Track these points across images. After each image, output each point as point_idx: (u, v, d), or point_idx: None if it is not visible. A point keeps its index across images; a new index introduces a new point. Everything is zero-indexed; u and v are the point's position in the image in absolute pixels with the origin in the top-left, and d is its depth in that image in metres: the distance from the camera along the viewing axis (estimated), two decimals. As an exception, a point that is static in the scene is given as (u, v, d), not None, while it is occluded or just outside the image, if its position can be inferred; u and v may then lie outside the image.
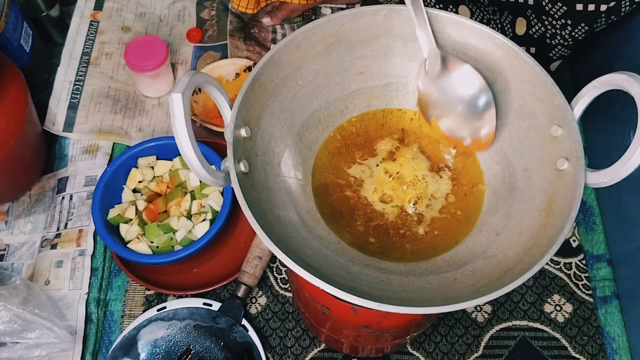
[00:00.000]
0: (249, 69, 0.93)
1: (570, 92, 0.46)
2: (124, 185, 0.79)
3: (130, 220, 0.76)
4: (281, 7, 0.98)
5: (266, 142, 0.50)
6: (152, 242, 0.75)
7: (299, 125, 0.53)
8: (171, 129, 0.66)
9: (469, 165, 0.53)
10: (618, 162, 0.42)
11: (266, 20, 0.99)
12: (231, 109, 0.46)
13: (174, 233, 0.75)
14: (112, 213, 0.76)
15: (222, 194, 0.78)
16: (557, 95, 0.47)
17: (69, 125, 0.89)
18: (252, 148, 0.48)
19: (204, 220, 0.76)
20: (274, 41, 0.99)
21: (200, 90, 0.90)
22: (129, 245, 0.74)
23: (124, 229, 0.76)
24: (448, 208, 0.52)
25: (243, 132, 0.46)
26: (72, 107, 0.90)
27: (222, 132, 0.69)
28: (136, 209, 0.77)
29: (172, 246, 0.75)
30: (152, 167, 0.80)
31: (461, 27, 0.52)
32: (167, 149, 0.80)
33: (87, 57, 0.96)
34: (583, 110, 0.47)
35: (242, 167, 0.45)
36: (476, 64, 0.52)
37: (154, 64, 0.87)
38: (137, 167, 0.80)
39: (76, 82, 0.93)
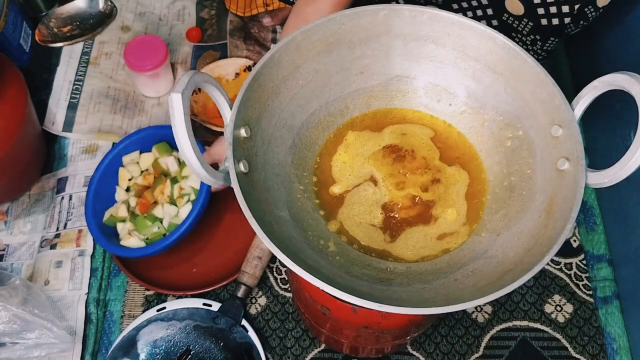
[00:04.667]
0: (249, 68, 0.93)
1: (570, 92, 0.46)
2: (116, 186, 0.79)
3: (125, 218, 0.77)
4: (281, 7, 0.97)
5: (266, 142, 0.50)
6: (144, 236, 0.74)
7: (299, 125, 0.53)
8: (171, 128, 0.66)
9: (469, 166, 0.53)
10: (619, 163, 0.42)
11: (266, 20, 0.99)
12: (231, 108, 0.46)
13: (160, 222, 0.75)
14: (106, 216, 0.77)
15: None
16: (557, 95, 0.47)
17: (68, 125, 0.89)
18: (252, 148, 0.47)
19: (188, 202, 0.75)
20: (274, 41, 0.99)
21: (200, 90, 0.90)
22: (121, 242, 0.74)
23: (120, 228, 0.76)
24: (453, 204, 0.52)
25: (243, 132, 0.46)
26: (72, 107, 0.90)
27: (222, 132, 0.69)
28: (128, 206, 0.77)
29: (164, 234, 0.75)
30: (137, 162, 0.80)
31: (462, 27, 0.51)
32: (148, 141, 0.80)
33: (87, 57, 0.96)
34: (584, 110, 0.47)
35: (242, 167, 0.45)
36: (476, 63, 0.52)
37: (154, 63, 0.87)
38: (123, 166, 0.80)
39: (76, 82, 0.93)
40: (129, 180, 0.80)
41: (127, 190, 0.80)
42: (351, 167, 0.53)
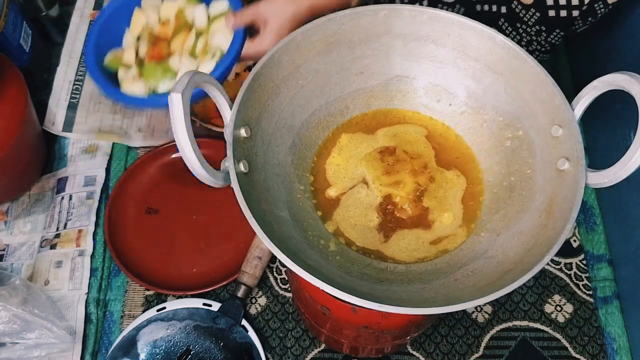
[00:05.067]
0: (249, 68, 0.93)
1: (570, 92, 0.46)
2: (126, 28, 0.69)
3: (130, 64, 0.67)
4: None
5: (266, 142, 0.50)
6: (151, 87, 0.65)
7: (299, 125, 0.53)
8: (171, 128, 0.65)
9: (469, 166, 0.53)
10: (619, 163, 0.42)
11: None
12: (231, 109, 0.46)
13: (174, 75, 0.65)
14: (109, 58, 0.67)
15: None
16: (557, 95, 0.47)
17: (68, 125, 0.89)
18: (252, 148, 0.48)
19: (212, 59, 0.64)
20: (274, 41, 0.99)
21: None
22: (122, 89, 0.65)
23: (122, 73, 0.67)
24: (449, 208, 0.52)
25: (243, 132, 0.46)
26: (72, 107, 0.90)
27: (222, 132, 0.69)
28: (136, 53, 0.67)
29: None
30: (158, 9, 0.69)
31: (462, 27, 0.51)
32: None
33: (87, 57, 0.96)
34: (584, 110, 0.47)
35: (242, 167, 0.45)
36: (476, 63, 0.53)
37: (154, 63, 0.86)
38: (140, 8, 0.70)
39: (76, 82, 0.93)
40: (144, 26, 0.69)
41: (138, 39, 0.69)
42: (345, 170, 0.53)
